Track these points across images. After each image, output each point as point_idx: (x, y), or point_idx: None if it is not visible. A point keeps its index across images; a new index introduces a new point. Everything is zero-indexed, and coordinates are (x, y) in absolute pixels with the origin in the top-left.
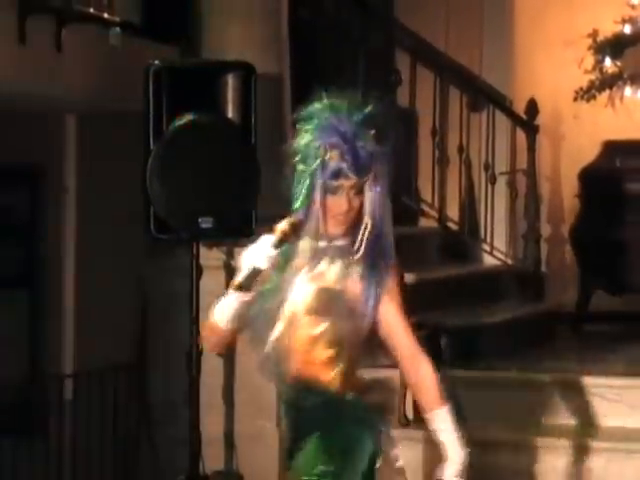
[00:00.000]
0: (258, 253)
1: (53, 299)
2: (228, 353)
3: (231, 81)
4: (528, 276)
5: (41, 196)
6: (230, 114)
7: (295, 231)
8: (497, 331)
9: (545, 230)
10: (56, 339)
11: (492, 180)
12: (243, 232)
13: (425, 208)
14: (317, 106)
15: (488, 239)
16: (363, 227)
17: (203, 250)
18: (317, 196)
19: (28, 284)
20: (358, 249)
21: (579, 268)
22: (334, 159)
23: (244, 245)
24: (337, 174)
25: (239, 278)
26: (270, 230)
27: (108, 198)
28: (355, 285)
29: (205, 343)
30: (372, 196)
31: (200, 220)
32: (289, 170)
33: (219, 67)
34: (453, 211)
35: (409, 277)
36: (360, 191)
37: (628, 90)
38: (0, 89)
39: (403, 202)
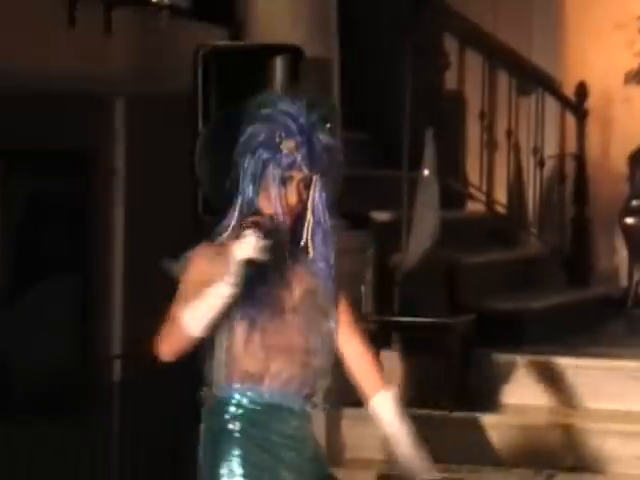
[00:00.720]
0: (251, 246)
1: (102, 281)
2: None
3: (280, 64)
4: (576, 261)
5: (90, 179)
6: None
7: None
8: (544, 316)
9: (593, 214)
10: (105, 321)
11: (540, 164)
12: None
13: (473, 192)
14: (275, 95)
15: (536, 223)
16: (307, 223)
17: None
18: (273, 186)
19: (78, 267)
20: (305, 243)
21: (628, 252)
22: (289, 149)
23: None
24: (291, 165)
25: (233, 275)
26: (248, 225)
27: (156, 180)
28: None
29: (166, 350)
30: (317, 191)
31: None
32: (235, 156)
33: (268, 50)
34: (501, 195)
35: (454, 260)
36: (309, 185)
37: None
38: (50, 73)
39: (450, 186)
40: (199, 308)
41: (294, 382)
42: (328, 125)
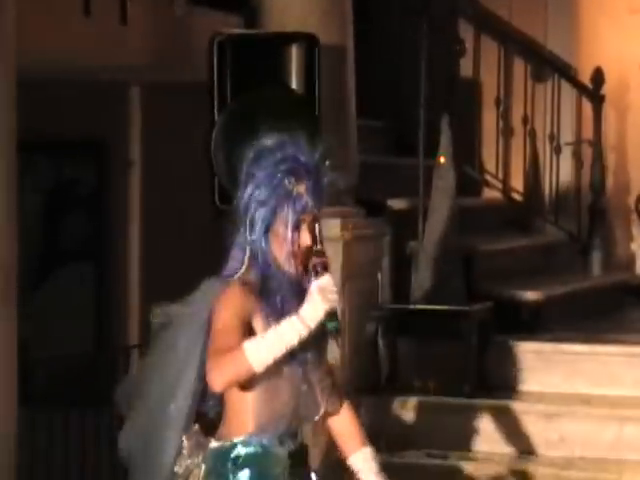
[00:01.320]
0: (335, 294)
1: (119, 270)
2: None
3: (295, 52)
4: (594, 247)
5: (107, 168)
6: (294, 84)
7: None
8: (562, 303)
9: (611, 201)
10: (122, 310)
11: (557, 151)
12: None
13: (489, 179)
14: (277, 139)
15: (553, 210)
16: (312, 263)
17: None
18: (286, 230)
19: (95, 256)
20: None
21: None
22: (301, 192)
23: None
24: (304, 209)
25: (314, 319)
26: (324, 267)
27: (172, 169)
28: None
29: (223, 381)
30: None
31: None
32: (239, 197)
33: (283, 38)
34: (517, 182)
35: (471, 248)
36: (314, 224)
37: None
38: (66, 62)
39: (466, 173)
40: (267, 345)
41: (295, 423)
42: (327, 162)
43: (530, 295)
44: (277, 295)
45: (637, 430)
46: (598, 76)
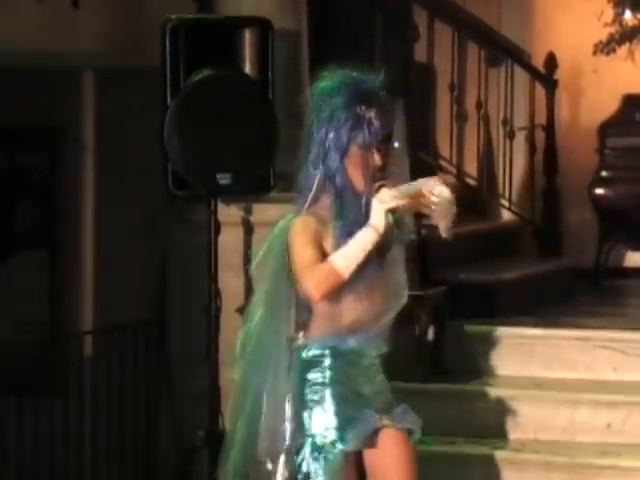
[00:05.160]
0: (391, 196)
1: (72, 257)
2: None
3: (248, 36)
4: (546, 232)
5: (59, 154)
6: (248, 70)
7: None
8: (515, 287)
9: (564, 185)
10: (75, 296)
11: (510, 135)
12: (261, 188)
13: (443, 164)
14: (338, 75)
15: (506, 195)
16: (376, 184)
17: (221, 206)
18: (361, 154)
19: (47, 242)
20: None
21: (598, 223)
22: (377, 119)
23: (262, 201)
24: (376, 132)
25: (378, 222)
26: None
27: (126, 155)
28: None
29: (319, 290)
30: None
31: (218, 176)
32: (308, 132)
33: (236, 22)
34: (471, 167)
35: (424, 232)
36: (385, 146)
37: None
38: (18, 47)
39: (421, 158)
40: (350, 254)
41: (376, 330)
42: (385, 91)
43: (484, 279)
44: (351, 218)
45: (589, 413)
46: (551, 61)
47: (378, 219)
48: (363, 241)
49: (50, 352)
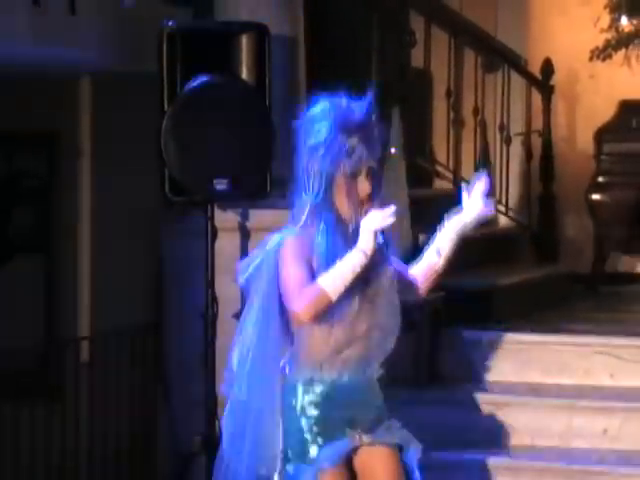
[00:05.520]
0: (378, 217)
1: (69, 263)
2: None
3: (245, 42)
4: (543, 237)
5: (56, 160)
6: (244, 76)
7: None
8: (512, 293)
9: (560, 191)
10: (72, 302)
11: (507, 141)
12: (258, 194)
13: (440, 169)
14: (325, 104)
15: (503, 200)
16: (365, 209)
17: (218, 212)
18: (345, 181)
19: (44, 248)
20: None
21: (594, 229)
22: (357, 147)
23: (259, 207)
24: (359, 159)
25: (366, 244)
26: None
27: (123, 160)
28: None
29: (309, 311)
30: (379, 177)
31: (215, 182)
32: (300, 164)
33: (233, 28)
34: (468, 172)
35: (423, 238)
36: (373, 172)
37: None
38: (15, 54)
39: (418, 163)
40: (339, 276)
41: (368, 362)
42: (374, 116)
43: (481, 285)
44: (338, 244)
45: (586, 419)
46: (547, 67)
47: (366, 241)
48: (351, 264)
49: (47, 357)
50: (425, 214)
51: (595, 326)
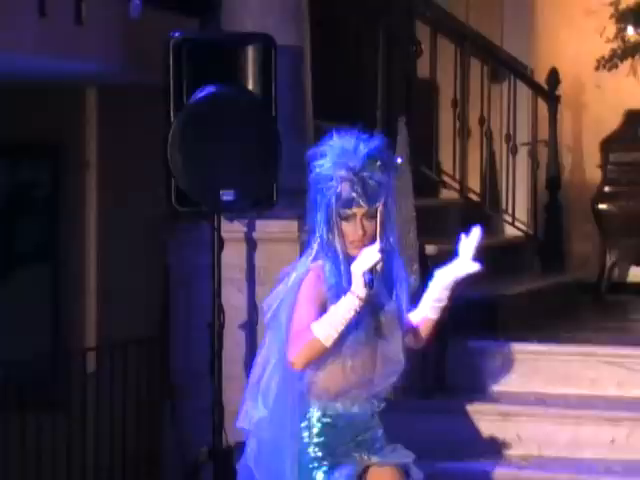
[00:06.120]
0: (366, 257)
1: (75, 273)
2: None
3: (251, 53)
4: (550, 247)
5: (62, 172)
6: (251, 86)
7: None
8: (518, 302)
9: (567, 200)
10: (78, 312)
11: (513, 151)
12: (264, 204)
13: (446, 179)
14: (329, 145)
15: (509, 210)
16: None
17: (224, 222)
18: (338, 224)
19: (50, 258)
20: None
21: (601, 239)
22: (346, 190)
23: (265, 217)
24: (349, 203)
25: (359, 287)
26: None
27: (128, 171)
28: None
29: (301, 359)
30: (382, 219)
31: (221, 192)
32: (306, 199)
33: (239, 39)
34: (474, 182)
35: (430, 248)
36: (374, 216)
37: None
38: (21, 65)
39: (424, 173)
40: (332, 323)
41: (377, 394)
42: (378, 163)
43: (487, 295)
44: (340, 283)
45: (593, 429)
46: (553, 77)
47: (356, 284)
48: (344, 309)
49: (53, 368)
50: (431, 224)
51: (602, 336)
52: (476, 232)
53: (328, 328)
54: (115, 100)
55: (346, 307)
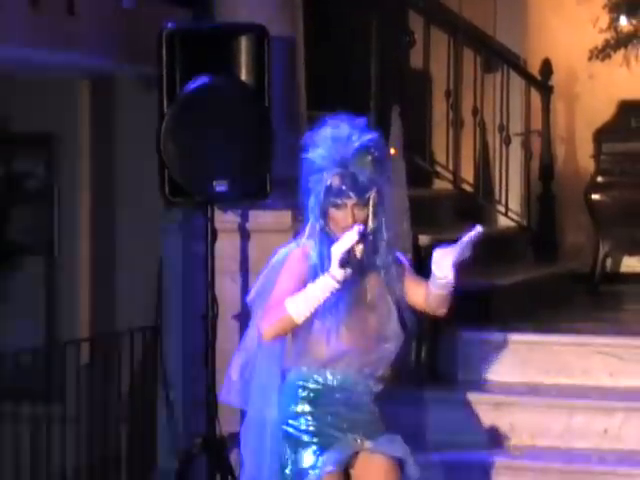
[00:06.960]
0: (345, 239)
1: (68, 263)
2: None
3: (244, 44)
4: (543, 237)
5: (56, 162)
6: (244, 77)
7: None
8: (512, 292)
9: (560, 191)
10: (72, 303)
11: (507, 141)
12: (258, 195)
13: (439, 170)
14: (322, 135)
15: (503, 200)
16: (369, 236)
17: (218, 213)
18: (330, 212)
19: (43, 249)
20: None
21: (594, 229)
22: (336, 182)
23: (259, 208)
24: (339, 195)
25: (337, 269)
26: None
27: (122, 162)
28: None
29: (270, 332)
30: (373, 210)
31: (215, 183)
32: (300, 187)
33: (232, 30)
34: (467, 173)
35: (424, 239)
36: (366, 204)
37: None
38: (13, 55)
39: (417, 164)
40: (305, 300)
41: (365, 369)
42: (370, 158)
43: (480, 285)
44: (324, 263)
45: (586, 419)
46: (546, 67)
47: (334, 265)
48: (318, 288)
49: (47, 359)
50: (425, 214)
51: (595, 326)
52: (477, 229)
53: (302, 306)
54: (108, 90)
55: (321, 287)
